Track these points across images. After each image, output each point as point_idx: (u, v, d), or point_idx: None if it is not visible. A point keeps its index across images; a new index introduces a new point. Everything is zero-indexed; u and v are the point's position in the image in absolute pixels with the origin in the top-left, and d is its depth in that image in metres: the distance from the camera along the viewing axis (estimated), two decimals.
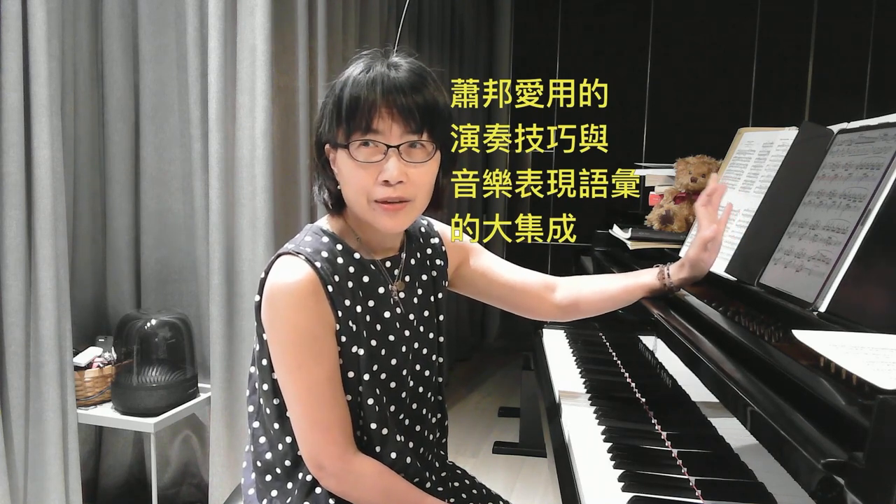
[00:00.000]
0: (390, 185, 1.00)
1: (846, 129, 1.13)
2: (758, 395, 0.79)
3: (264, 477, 1.12)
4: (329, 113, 1.03)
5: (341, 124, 1.01)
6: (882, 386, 0.62)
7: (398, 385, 1.10)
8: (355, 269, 1.07)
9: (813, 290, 0.96)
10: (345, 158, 1.02)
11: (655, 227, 1.74)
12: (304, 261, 1.02)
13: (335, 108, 1.01)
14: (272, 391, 1.08)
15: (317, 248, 1.04)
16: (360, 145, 1.00)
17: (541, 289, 1.32)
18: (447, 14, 4.10)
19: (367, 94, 0.98)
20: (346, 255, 1.06)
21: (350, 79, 1.01)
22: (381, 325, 1.08)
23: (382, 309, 1.09)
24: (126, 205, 2.39)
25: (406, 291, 1.14)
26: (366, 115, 0.98)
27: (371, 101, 0.98)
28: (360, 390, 1.05)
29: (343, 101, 1.00)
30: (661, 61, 4.58)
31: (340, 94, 1.01)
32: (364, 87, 0.99)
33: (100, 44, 2.31)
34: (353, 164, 1.01)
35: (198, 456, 2.46)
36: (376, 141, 0.99)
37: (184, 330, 2.28)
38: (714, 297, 1.21)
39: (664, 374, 1.24)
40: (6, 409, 1.88)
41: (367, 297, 1.08)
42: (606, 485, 1.04)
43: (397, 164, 0.99)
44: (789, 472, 0.72)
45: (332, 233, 1.08)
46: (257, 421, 1.13)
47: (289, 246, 1.05)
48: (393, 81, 0.99)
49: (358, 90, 0.99)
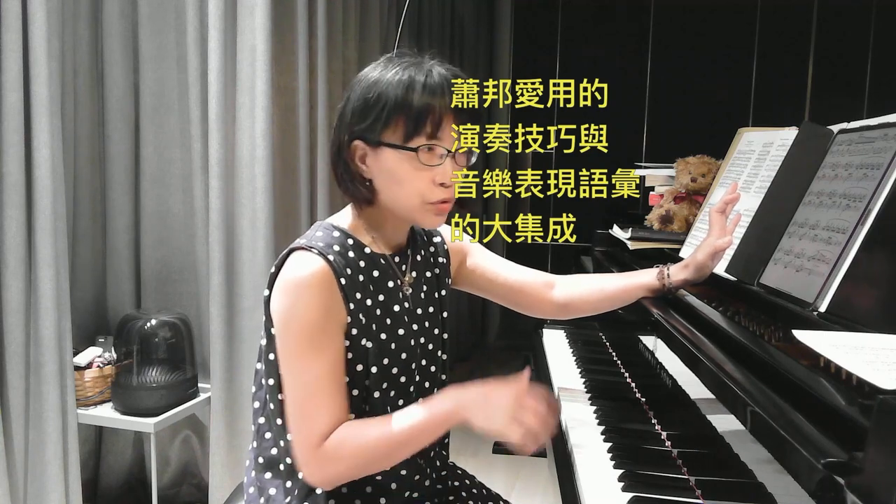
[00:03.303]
0: (446, 188, 1.05)
1: (846, 129, 1.13)
2: (758, 395, 0.79)
3: (265, 474, 1.12)
4: (379, 111, 1.03)
5: (402, 125, 1.02)
6: (882, 386, 0.62)
7: (408, 379, 1.11)
8: (366, 264, 1.08)
9: (813, 290, 0.96)
10: (400, 158, 1.03)
11: (655, 227, 1.74)
12: (317, 254, 1.03)
13: (395, 107, 1.02)
14: (277, 386, 1.08)
15: (329, 243, 1.06)
16: (424, 149, 1.03)
17: (540, 286, 1.34)
18: (447, 14, 4.10)
19: (439, 101, 1.02)
20: (357, 250, 1.08)
21: (415, 82, 1.02)
22: (391, 320, 1.09)
23: (392, 303, 1.11)
24: (126, 205, 2.39)
25: (414, 286, 1.15)
26: (436, 122, 1.02)
27: (441, 108, 1.02)
28: (366, 384, 1.06)
29: (412, 104, 1.01)
30: (661, 61, 4.58)
31: (406, 97, 1.02)
32: (435, 94, 1.02)
33: (100, 44, 2.31)
34: (412, 166, 1.03)
35: (198, 456, 2.46)
36: (439, 146, 1.03)
37: (184, 330, 2.28)
38: (714, 297, 1.21)
39: (664, 374, 1.24)
40: (6, 409, 1.88)
41: (377, 291, 1.09)
42: (606, 485, 1.04)
43: (453, 167, 1.05)
44: (789, 472, 0.72)
45: (343, 228, 1.10)
46: (262, 417, 1.13)
47: (300, 241, 1.06)
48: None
49: (430, 97, 1.02)
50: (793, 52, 4.31)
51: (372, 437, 1.01)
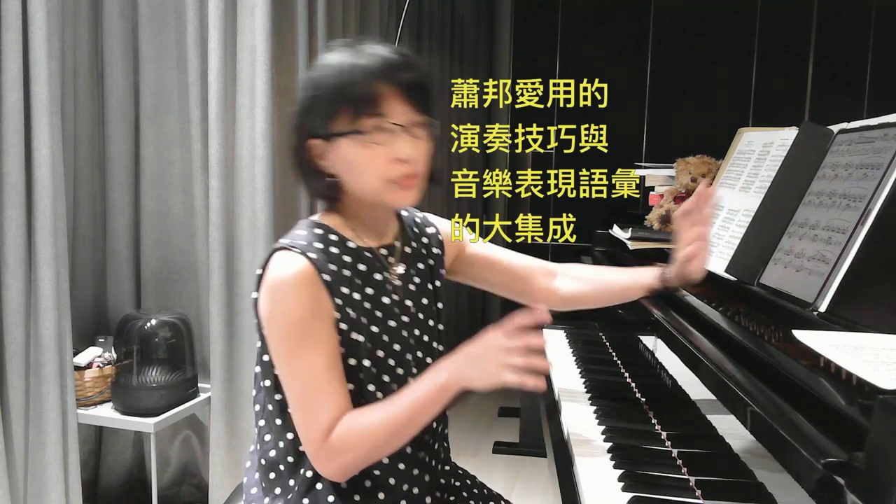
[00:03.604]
0: (404, 162, 1.03)
1: (846, 129, 1.13)
2: (758, 396, 0.79)
3: (269, 475, 1.12)
4: (323, 104, 1.04)
5: (345, 111, 1.02)
6: (882, 386, 0.62)
7: (405, 371, 1.11)
8: (351, 258, 1.08)
9: (813, 290, 0.96)
10: (352, 145, 1.03)
11: (655, 227, 1.75)
12: (299, 253, 1.03)
13: (334, 96, 1.03)
14: (273, 387, 1.09)
15: (310, 241, 1.06)
16: (371, 129, 1.02)
17: (540, 274, 1.34)
18: (447, 14, 4.10)
19: (373, 77, 1.01)
20: (340, 245, 1.08)
21: (345, 65, 1.03)
22: (381, 312, 1.09)
23: (381, 295, 1.10)
24: (126, 205, 2.39)
25: (402, 279, 1.15)
26: (375, 98, 1.01)
27: (378, 84, 1.01)
28: (360, 377, 1.06)
29: (346, 88, 1.02)
30: (661, 61, 4.58)
31: (339, 82, 1.02)
32: (367, 70, 1.01)
33: (100, 44, 2.31)
34: (363, 148, 1.02)
35: (198, 456, 2.46)
36: (387, 122, 1.02)
37: (184, 330, 2.28)
38: (714, 297, 1.21)
39: (664, 374, 1.24)
40: (6, 409, 1.88)
41: (364, 284, 1.09)
42: (606, 485, 1.04)
43: (409, 142, 1.03)
44: (789, 472, 0.72)
45: (325, 224, 1.10)
46: (262, 419, 1.14)
47: (283, 241, 1.07)
48: (393, 62, 1.03)
49: (361, 74, 1.01)
50: (793, 52, 4.31)
51: (374, 422, 1.01)
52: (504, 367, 0.97)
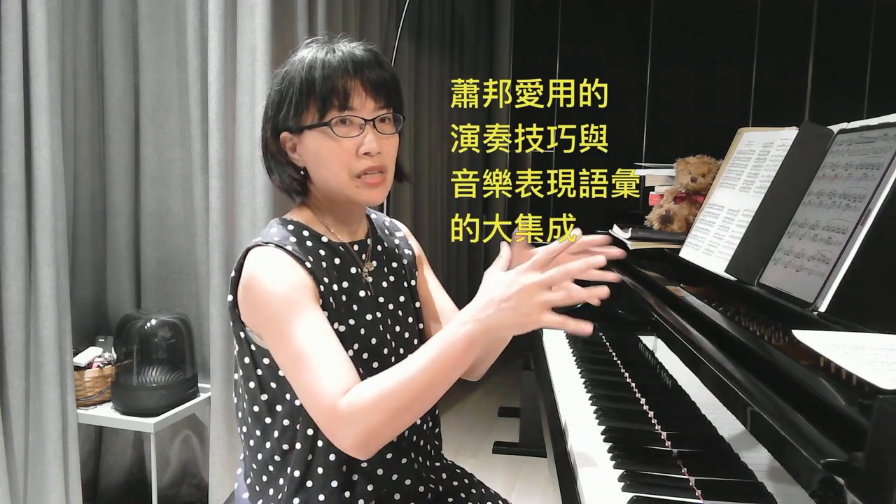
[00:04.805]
0: (371, 157, 1.05)
1: (846, 129, 1.13)
2: (758, 395, 0.79)
3: (261, 477, 1.12)
4: (291, 98, 1.06)
5: (314, 105, 1.04)
6: (882, 386, 0.62)
7: (380, 366, 1.09)
8: (326, 252, 1.09)
9: (813, 290, 0.96)
10: (320, 138, 1.05)
11: (655, 227, 1.74)
12: (275, 247, 1.03)
13: (303, 90, 1.05)
14: (259, 387, 1.09)
15: (284, 236, 1.06)
16: (337, 122, 1.04)
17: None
18: (447, 14, 4.10)
19: (341, 72, 1.04)
20: (314, 240, 1.09)
21: (316, 61, 1.05)
22: (357, 306, 1.10)
23: (357, 289, 1.11)
24: (126, 205, 2.39)
25: (374, 275, 1.16)
26: (342, 93, 1.03)
27: (346, 79, 1.04)
28: None
29: (315, 82, 1.04)
30: (661, 61, 4.58)
31: (309, 77, 1.04)
32: (336, 66, 1.04)
33: (100, 44, 2.31)
34: (330, 142, 1.04)
35: (198, 456, 2.46)
36: (353, 116, 1.04)
37: (184, 330, 2.28)
38: (714, 297, 1.21)
39: (664, 374, 1.24)
40: (6, 409, 1.88)
41: (341, 277, 1.09)
42: (606, 485, 1.04)
43: (375, 137, 1.05)
44: (789, 472, 0.72)
45: (297, 221, 1.11)
46: (245, 425, 1.14)
47: (256, 240, 1.07)
48: (361, 60, 1.05)
49: (330, 70, 1.04)
50: (793, 52, 4.31)
51: (391, 383, 0.92)
52: (541, 306, 0.87)
